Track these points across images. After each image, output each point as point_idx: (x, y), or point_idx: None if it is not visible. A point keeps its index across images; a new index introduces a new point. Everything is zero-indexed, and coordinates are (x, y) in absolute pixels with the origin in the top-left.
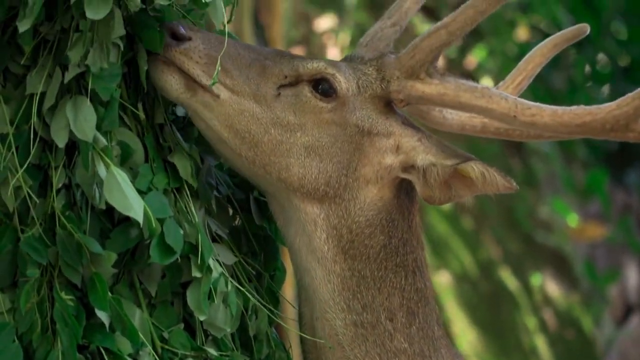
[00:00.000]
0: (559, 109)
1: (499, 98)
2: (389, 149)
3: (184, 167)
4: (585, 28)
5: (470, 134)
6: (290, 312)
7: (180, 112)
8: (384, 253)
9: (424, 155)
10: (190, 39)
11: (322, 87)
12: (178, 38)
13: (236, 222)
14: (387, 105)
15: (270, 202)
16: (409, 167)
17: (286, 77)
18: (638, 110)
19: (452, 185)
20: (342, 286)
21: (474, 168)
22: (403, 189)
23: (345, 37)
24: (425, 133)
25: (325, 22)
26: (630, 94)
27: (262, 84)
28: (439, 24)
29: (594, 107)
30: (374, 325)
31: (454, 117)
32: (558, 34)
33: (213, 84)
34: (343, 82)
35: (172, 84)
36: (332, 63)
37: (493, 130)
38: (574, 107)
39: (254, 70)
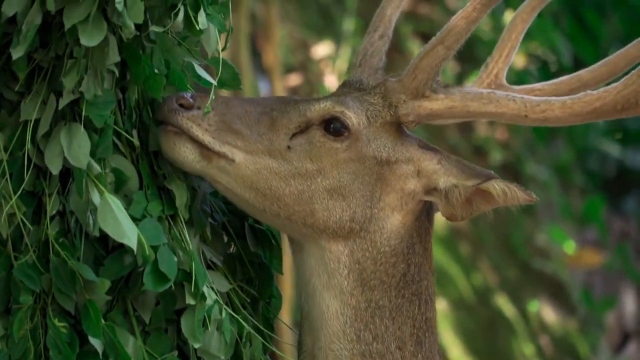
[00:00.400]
0: (568, 99)
1: (507, 100)
2: (410, 175)
3: (179, 195)
4: None
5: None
6: (285, 339)
7: None
8: (403, 281)
9: (445, 177)
10: (199, 108)
11: (334, 126)
12: (185, 107)
13: (231, 249)
14: (399, 129)
15: (290, 243)
16: (431, 190)
17: (296, 125)
18: None
19: (474, 201)
20: (355, 318)
21: (496, 187)
22: (424, 210)
23: (342, 63)
24: (443, 154)
25: (322, 49)
26: (634, 72)
27: (274, 137)
28: (434, 40)
29: (601, 91)
30: (382, 355)
31: None
32: None
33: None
34: (353, 117)
35: (186, 155)
36: (338, 100)
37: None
38: (581, 95)
39: (263, 126)
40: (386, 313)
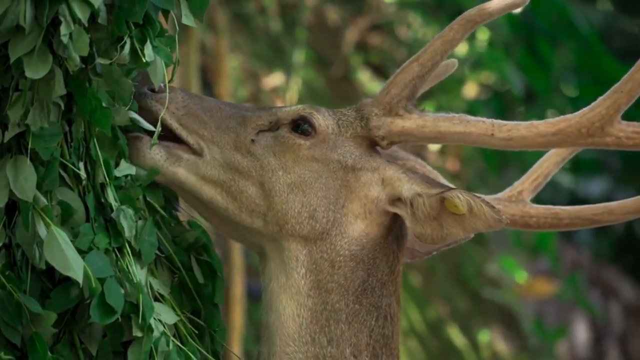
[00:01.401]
0: (535, 121)
1: (476, 121)
2: (374, 182)
3: (127, 227)
4: None
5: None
6: None
7: (120, 172)
8: (362, 289)
9: (409, 185)
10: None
11: (301, 127)
12: (154, 91)
13: (177, 280)
14: (371, 146)
15: (260, 259)
16: (396, 200)
17: (265, 123)
18: (610, 110)
19: (442, 221)
20: (311, 320)
21: (460, 197)
22: (393, 234)
23: (293, 94)
24: (409, 169)
25: (273, 80)
26: (601, 96)
27: (241, 131)
28: (411, 58)
29: (568, 114)
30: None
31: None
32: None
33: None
34: (321, 119)
35: (154, 156)
36: (311, 105)
37: None
38: (550, 118)
39: (233, 121)
40: (342, 317)
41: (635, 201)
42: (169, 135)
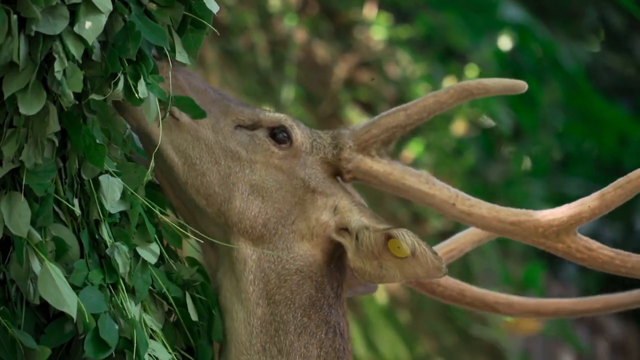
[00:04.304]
0: (498, 206)
1: (442, 187)
2: (327, 207)
3: (122, 264)
4: None
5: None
6: None
7: (114, 209)
8: (309, 302)
9: (358, 217)
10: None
11: (279, 135)
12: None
13: (172, 318)
14: (334, 174)
15: (205, 248)
16: (343, 230)
17: (246, 119)
18: (572, 219)
19: (383, 261)
20: (261, 329)
21: (405, 236)
22: (335, 263)
23: None
24: (364, 205)
25: None
26: (567, 204)
27: (221, 118)
28: (400, 106)
29: (530, 210)
30: None
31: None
32: None
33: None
34: (300, 135)
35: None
36: (293, 119)
37: (415, 282)
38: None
39: (216, 107)
40: (290, 329)
41: (536, 302)
42: None
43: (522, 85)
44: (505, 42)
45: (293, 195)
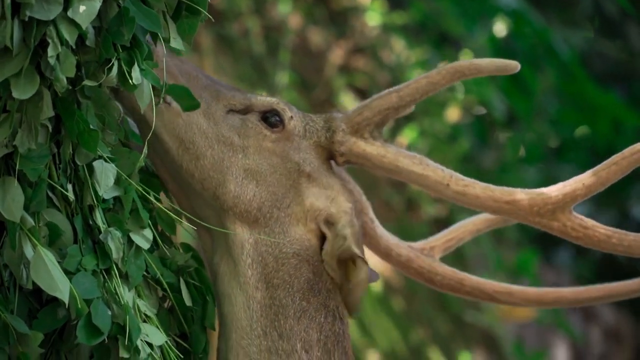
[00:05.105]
0: (493, 186)
1: (436, 168)
2: (324, 197)
3: (115, 249)
4: None
5: (390, 263)
6: None
7: (108, 195)
8: (308, 286)
9: (346, 223)
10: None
11: (271, 119)
12: None
13: (166, 304)
14: (329, 160)
15: (200, 232)
16: (330, 223)
17: (237, 104)
18: (567, 197)
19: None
20: (261, 313)
21: (363, 268)
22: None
23: None
24: (356, 201)
25: None
26: (563, 182)
27: (212, 104)
28: (392, 88)
29: (525, 189)
30: (288, 354)
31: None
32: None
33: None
34: (292, 118)
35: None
36: (285, 102)
37: (413, 270)
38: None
39: (207, 92)
40: (290, 312)
41: (537, 292)
42: None
43: (514, 65)
44: (499, 29)
45: (287, 178)
